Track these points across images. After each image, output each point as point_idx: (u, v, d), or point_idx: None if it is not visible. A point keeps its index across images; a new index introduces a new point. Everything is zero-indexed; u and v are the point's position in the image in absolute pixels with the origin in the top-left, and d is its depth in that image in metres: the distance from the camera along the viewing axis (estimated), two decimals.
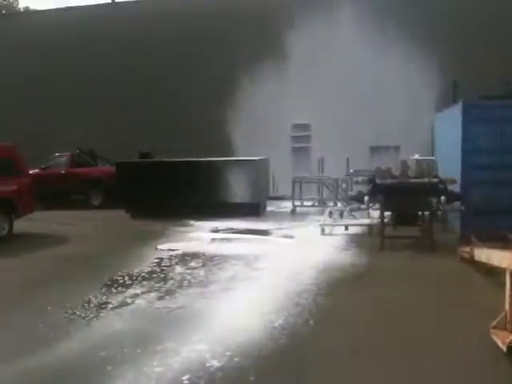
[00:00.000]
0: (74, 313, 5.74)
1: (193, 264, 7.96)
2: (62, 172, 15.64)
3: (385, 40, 14.11)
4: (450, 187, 8.65)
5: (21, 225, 10.79)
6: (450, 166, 9.20)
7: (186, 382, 4.07)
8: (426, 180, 8.73)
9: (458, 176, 8.78)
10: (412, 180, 8.86)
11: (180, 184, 12.59)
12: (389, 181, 8.72)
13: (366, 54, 14.42)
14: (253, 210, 12.26)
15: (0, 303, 6.19)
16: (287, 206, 13.39)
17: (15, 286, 6.92)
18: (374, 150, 13.85)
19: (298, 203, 13.19)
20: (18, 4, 34.49)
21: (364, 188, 9.78)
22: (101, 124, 17.92)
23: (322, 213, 11.71)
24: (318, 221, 10.75)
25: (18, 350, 4.74)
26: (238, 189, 12.51)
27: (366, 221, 9.97)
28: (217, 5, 17.30)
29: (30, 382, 4.22)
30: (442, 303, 5.80)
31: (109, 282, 6.92)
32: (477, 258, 6.50)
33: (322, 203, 12.96)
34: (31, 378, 4.26)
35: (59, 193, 15.57)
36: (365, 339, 4.85)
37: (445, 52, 14.40)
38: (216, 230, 10.90)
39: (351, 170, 12.04)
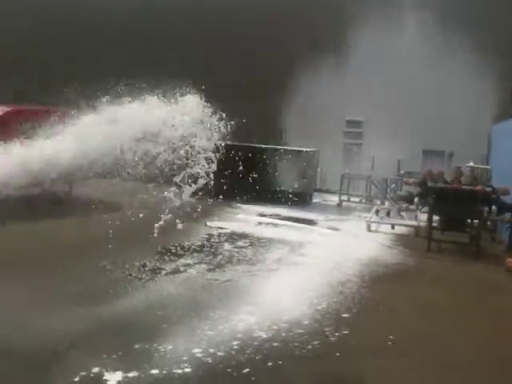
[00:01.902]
0: (131, 274, 6.14)
1: (240, 243, 8.26)
2: None
3: (447, 46, 13.96)
4: (505, 198, 8.61)
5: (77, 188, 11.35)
6: (505, 177, 9.14)
7: (235, 347, 4.37)
8: (478, 188, 8.73)
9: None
10: (464, 186, 8.88)
11: (230, 168, 12.87)
12: (441, 185, 8.76)
13: (427, 57, 14.30)
14: (300, 199, 12.45)
15: (62, 258, 6.63)
16: (333, 199, 13.52)
17: (76, 246, 7.34)
18: (427, 153, 13.73)
19: (344, 198, 13.30)
20: None
21: (414, 190, 9.86)
22: None
23: (368, 210, 11.79)
24: (364, 217, 10.85)
25: (82, 302, 5.13)
26: (287, 177, 12.70)
27: (414, 222, 10.01)
28: None
29: (93, 330, 4.60)
30: (479, 309, 5.88)
31: (162, 250, 7.30)
32: None
33: (369, 200, 13.02)
34: (94, 326, 4.64)
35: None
36: (403, 334, 5.00)
37: (508, 63, 14.13)
38: (263, 215, 11.17)
39: (402, 171, 12.05)
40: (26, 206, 9.07)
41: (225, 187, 12.69)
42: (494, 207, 8.64)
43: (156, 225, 7.80)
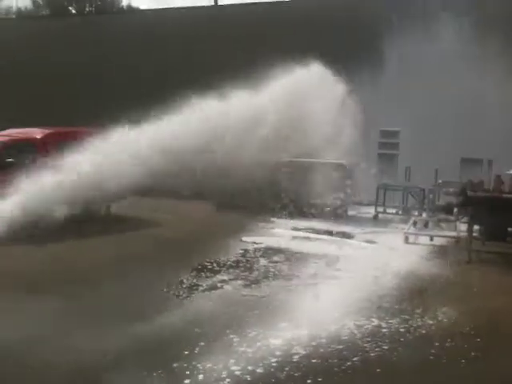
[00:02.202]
0: (169, 291, 6.20)
1: (276, 258, 8.23)
2: None
3: (485, 52, 13.67)
4: None
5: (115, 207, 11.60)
6: None
7: (274, 364, 4.34)
8: None
9: None
10: (506, 195, 8.63)
11: (265, 182, 12.90)
12: (481, 194, 8.54)
13: (465, 63, 14.04)
14: (335, 212, 12.33)
15: (103, 276, 6.77)
16: (369, 211, 13.34)
17: (114, 262, 7.51)
18: (465, 161, 13.38)
19: (380, 210, 13.11)
20: (121, 2, 36.27)
21: (453, 199, 9.63)
22: None
23: (405, 221, 11.58)
24: (402, 229, 10.66)
25: (122, 318, 5.22)
26: (322, 190, 12.62)
27: (453, 233, 9.78)
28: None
29: (133, 348, 4.66)
30: None
31: (199, 267, 7.35)
32: None
33: (406, 212, 12.79)
34: (133, 343, 4.70)
35: None
36: (441, 352, 4.86)
37: None
38: (297, 229, 11.11)
39: (440, 181, 11.80)
40: (66, 225, 9.30)
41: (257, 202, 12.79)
42: None
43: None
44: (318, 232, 10.81)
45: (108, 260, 7.57)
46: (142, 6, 42.63)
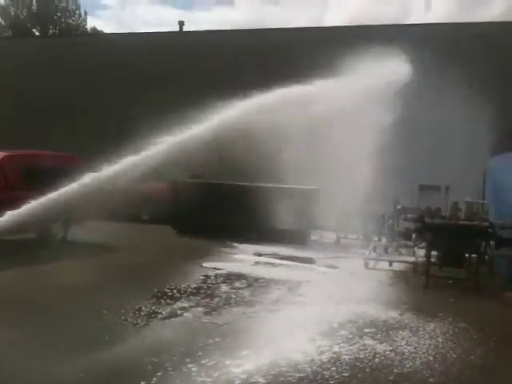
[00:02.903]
0: (126, 319, 6.03)
1: (238, 284, 8.16)
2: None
3: (444, 81, 14.15)
4: (502, 232, 8.58)
5: (74, 232, 11.31)
6: (502, 210, 9.13)
7: None
8: (475, 223, 8.72)
9: (509, 221, 8.70)
10: (462, 222, 8.86)
11: (229, 206, 12.88)
12: (438, 220, 8.75)
13: (424, 92, 14.48)
14: (297, 237, 12.39)
15: (59, 303, 6.54)
16: (332, 237, 13.46)
17: (72, 289, 7.28)
18: (423, 188, 13.74)
19: (342, 235, 13.24)
20: (85, 25, 36.10)
21: (411, 225, 9.82)
22: None
23: (366, 246, 11.73)
24: (362, 254, 10.79)
25: (77, 347, 5.04)
26: (284, 215, 12.67)
27: (412, 258, 9.95)
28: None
29: (88, 379, 4.49)
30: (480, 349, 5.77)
31: (158, 294, 7.21)
32: None
33: (367, 237, 12.96)
34: (88, 375, 4.53)
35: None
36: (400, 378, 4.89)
37: (504, 98, 14.37)
38: (260, 254, 11.09)
39: (399, 207, 12.03)
40: (21, 249, 9.03)
41: (220, 225, 12.73)
42: (491, 242, 8.60)
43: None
44: (280, 257, 10.82)
45: (62, 287, 7.34)
46: (106, 30, 42.66)
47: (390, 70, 10.99)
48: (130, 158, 9.49)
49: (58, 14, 34.59)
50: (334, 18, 51.16)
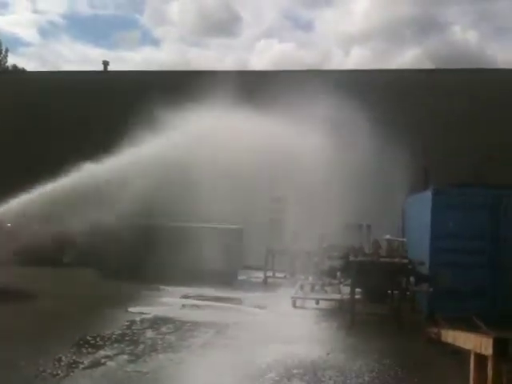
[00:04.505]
0: (45, 370, 5.68)
1: (164, 329, 7.94)
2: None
3: (361, 125, 14.86)
4: (420, 268, 8.96)
5: None
6: (419, 247, 9.57)
7: None
8: (396, 260, 9.07)
9: (426, 258, 9.11)
10: (383, 259, 9.19)
11: (153, 248, 12.63)
12: (361, 258, 9.02)
13: (341, 136, 15.10)
14: (225, 277, 12.32)
15: None
16: (259, 276, 13.50)
17: None
18: (347, 226, 14.21)
19: (269, 274, 13.32)
20: (6, 62, 35.09)
21: (336, 263, 10.06)
22: None
23: (293, 285, 11.85)
24: (290, 292, 10.87)
25: None
26: (211, 256, 12.58)
27: (337, 296, 10.15)
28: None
29: None
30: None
31: (80, 342, 6.86)
32: (443, 338, 6.72)
33: (294, 276, 13.11)
34: None
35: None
36: None
37: (418, 140, 15.42)
38: (187, 296, 10.89)
39: (324, 245, 12.31)
40: None
41: (146, 267, 12.42)
42: (411, 278, 8.96)
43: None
44: (208, 299, 10.68)
45: None
46: (28, 68, 41.53)
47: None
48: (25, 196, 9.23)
49: None
50: (258, 63, 52.92)
